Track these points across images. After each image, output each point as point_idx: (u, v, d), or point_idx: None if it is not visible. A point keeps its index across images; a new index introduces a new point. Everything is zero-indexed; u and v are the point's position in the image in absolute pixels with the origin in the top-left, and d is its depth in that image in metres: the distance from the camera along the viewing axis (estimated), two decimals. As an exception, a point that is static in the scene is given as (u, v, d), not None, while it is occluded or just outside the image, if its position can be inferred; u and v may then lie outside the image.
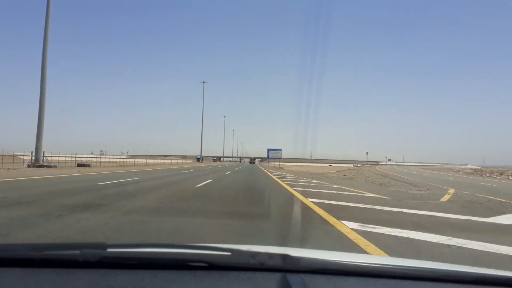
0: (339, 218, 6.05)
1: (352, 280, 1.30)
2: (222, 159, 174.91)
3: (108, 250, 1.41)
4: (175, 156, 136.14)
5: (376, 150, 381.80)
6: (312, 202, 8.56)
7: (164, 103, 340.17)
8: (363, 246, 4.13)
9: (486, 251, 4.14)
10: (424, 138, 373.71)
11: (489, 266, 3.30)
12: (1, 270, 1.33)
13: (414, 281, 1.31)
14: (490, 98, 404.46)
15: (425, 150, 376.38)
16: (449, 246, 4.34)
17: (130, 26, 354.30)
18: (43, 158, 28.47)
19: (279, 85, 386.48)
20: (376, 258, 1.84)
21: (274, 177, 22.04)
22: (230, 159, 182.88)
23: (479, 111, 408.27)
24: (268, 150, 75.44)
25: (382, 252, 3.96)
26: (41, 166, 26.30)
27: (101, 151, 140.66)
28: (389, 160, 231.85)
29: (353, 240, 4.47)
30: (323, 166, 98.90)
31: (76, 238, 4.30)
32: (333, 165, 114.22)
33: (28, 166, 27.16)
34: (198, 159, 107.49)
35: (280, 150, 75.06)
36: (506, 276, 1.33)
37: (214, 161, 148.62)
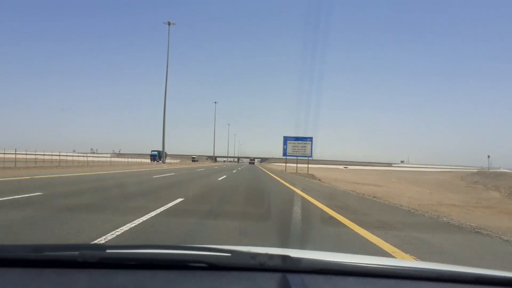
0: None
1: (351, 280, 1.28)
2: (216, 159, 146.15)
3: (108, 251, 1.39)
4: (169, 155, 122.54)
5: (378, 151, 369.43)
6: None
7: (161, 103, 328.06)
8: None
9: None
10: (428, 140, 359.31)
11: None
12: (1, 270, 1.32)
13: (413, 281, 1.30)
14: (494, 99, 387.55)
15: (429, 151, 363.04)
16: None
17: (129, 24, 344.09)
18: None
19: (278, 84, 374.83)
20: (375, 259, 1.70)
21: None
22: (225, 159, 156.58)
23: (484, 112, 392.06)
24: (286, 139, 36.12)
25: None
26: None
27: (91, 149, 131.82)
28: (402, 161, 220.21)
29: None
30: (337, 168, 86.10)
31: None
32: (349, 167, 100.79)
33: None
34: (154, 156, 61.87)
35: (310, 139, 36.10)
36: (506, 276, 1.33)
37: (194, 161, 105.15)
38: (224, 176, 20.61)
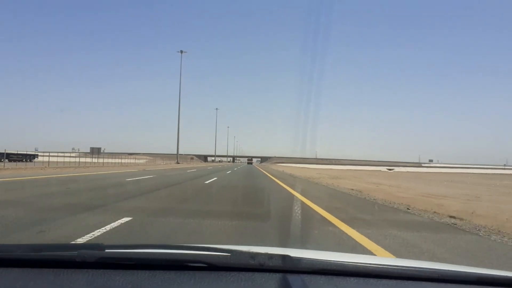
0: None
1: (352, 280, 1.27)
2: (207, 158, 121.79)
3: (106, 251, 1.39)
4: (147, 154, 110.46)
5: (388, 150, 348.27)
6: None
7: (152, 101, 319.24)
8: None
9: None
10: (440, 138, 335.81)
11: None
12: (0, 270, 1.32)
13: (414, 282, 1.29)
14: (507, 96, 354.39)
15: (440, 150, 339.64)
16: None
17: (127, 22, 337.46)
18: None
19: (278, 83, 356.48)
20: (376, 259, 1.79)
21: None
22: (217, 158, 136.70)
23: (498, 109, 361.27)
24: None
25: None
26: None
27: (73, 148, 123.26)
28: (431, 161, 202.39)
29: None
30: (380, 170, 61.41)
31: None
32: (395, 168, 79.19)
33: None
34: None
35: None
36: (506, 276, 1.32)
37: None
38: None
